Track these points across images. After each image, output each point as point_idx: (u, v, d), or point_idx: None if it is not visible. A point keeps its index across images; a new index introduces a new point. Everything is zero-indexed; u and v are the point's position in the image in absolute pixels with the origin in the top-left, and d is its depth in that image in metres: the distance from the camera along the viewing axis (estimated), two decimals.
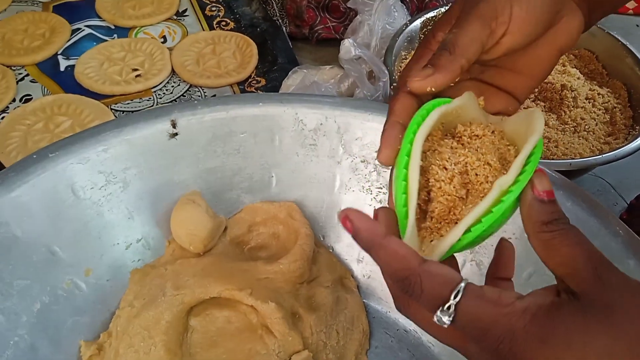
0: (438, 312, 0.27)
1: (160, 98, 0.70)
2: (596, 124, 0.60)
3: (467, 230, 0.29)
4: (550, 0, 0.33)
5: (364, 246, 0.29)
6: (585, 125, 0.60)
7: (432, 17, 0.68)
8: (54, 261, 0.46)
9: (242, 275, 0.46)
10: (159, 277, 0.46)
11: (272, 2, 0.82)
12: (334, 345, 0.46)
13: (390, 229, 0.30)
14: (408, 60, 0.67)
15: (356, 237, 0.29)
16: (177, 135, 0.50)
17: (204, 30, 0.80)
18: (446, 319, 0.27)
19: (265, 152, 0.53)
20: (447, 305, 0.27)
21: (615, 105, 0.62)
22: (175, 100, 0.70)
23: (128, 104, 0.69)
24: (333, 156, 0.54)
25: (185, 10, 0.83)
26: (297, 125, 0.53)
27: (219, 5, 0.84)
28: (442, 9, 0.69)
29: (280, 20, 0.80)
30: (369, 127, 0.52)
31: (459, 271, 0.31)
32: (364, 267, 0.54)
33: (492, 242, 0.49)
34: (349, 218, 0.28)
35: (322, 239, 0.55)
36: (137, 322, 0.44)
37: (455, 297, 0.27)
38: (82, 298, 0.47)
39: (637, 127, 0.60)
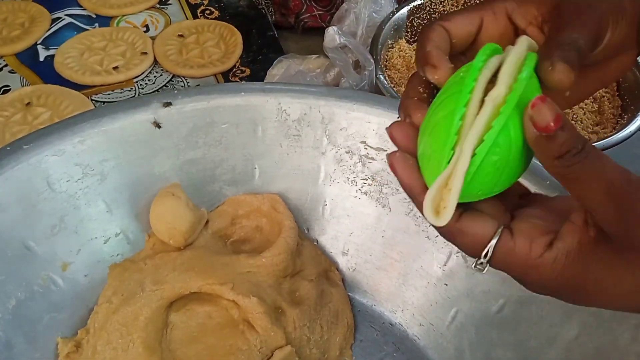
0: (472, 266, 0.29)
1: (142, 88, 0.68)
2: (584, 113, 0.59)
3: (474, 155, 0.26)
4: (624, 35, 0.31)
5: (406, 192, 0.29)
6: (574, 114, 0.59)
7: (418, 5, 0.67)
8: (29, 256, 0.45)
9: (223, 269, 0.45)
10: (138, 272, 0.45)
11: None
12: (318, 340, 0.46)
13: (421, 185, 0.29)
14: (394, 49, 0.66)
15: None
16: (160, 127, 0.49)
17: (187, 19, 0.78)
18: (482, 267, 0.28)
19: (248, 143, 0.52)
20: (479, 262, 0.28)
21: (604, 94, 0.62)
22: (157, 90, 0.68)
23: (109, 94, 0.67)
24: (317, 147, 0.53)
25: None
26: (281, 116, 0.52)
27: None
28: None
29: (265, 9, 0.79)
30: (354, 117, 0.51)
31: (503, 211, 0.29)
32: (349, 260, 0.53)
33: None
34: (394, 167, 0.29)
35: (306, 231, 0.54)
36: (115, 318, 0.43)
37: (485, 257, 0.28)
38: (59, 294, 0.46)
39: (625, 117, 0.59)
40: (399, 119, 0.31)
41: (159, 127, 0.48)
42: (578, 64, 0.27)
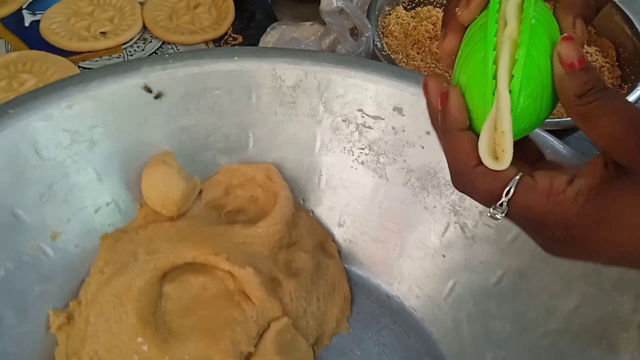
0: (491, 210, 0.28)
1: (131, 55, 0.66)
2: None
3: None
4: None
5: (438, 128, 0.29)
6: None
7: None
8: (18, 225, 0.43)
9: (218, 240, 0.43)
10: (131, 242, 0.44)
11: None
12: (315, 312, 0.45)
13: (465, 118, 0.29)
14: (391, 15, 0.65)
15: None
16: (160, 97, 0.47)
17: None
18: (499, 215, 0.28)
19: (242, 110, 0.50)
20: (499, 202, 0.27)
21: (604, 64, 0.61)
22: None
23: (97, 61, 0.65)
24: (313, 115, 0.51)
25: None
26: (275, 82, 0.50)
27: None
28: None
29: None
30: (351, 84, 0.50)
31: (537, 151, 0.31)
32: (345, 232, 0.53)
33: (476, 203, 0.48)
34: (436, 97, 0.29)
35: (302, 202, 0.53)
36: (107, 289, 0.42)
37: (507, 195, 0.27)
38: (49, 264, 0.44)
39: (625, 87, 0.58)
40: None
41: (150, 92, 0.47)
42: (592, 19, 0.29)
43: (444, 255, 0.49)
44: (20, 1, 0.71)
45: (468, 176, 0.28)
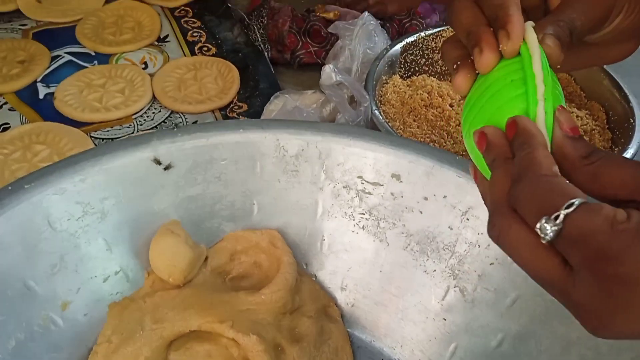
0: (543, 220, 0.25)
1: (141, 125, 0.69)
2: None
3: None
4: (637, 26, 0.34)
5: (516, 144, 0.28)
6: None
7: (412, 41, 0.69)
8: (30, 296, 0.45)
9: (223, 307, 0.45)
10: (138, 310, 0.45)
11: (254, 27, 0.83)
12: None
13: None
14: (388, 84, 0.68)
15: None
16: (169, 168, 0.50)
17: (185, 55, 0.80)
18: (549, 229, 0.24)
19: (247, 179, 0.53)
20: (555, 215, 0.24)
21: (594, 127, 0.63)
22: (156, 127, 0.69)
23: (108, 131, 0.68)
24: (315, 182, 0.53)
25: (167, 36, 0.83)
26: (279, 152, 0.53)
27: (201, 31, 0.84)
28: (423, 34, 0.69)
29: (262, 46, 0.80)
30: (350, 153, 0.52)
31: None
32: (348, 295, 0.54)
33: (475, 267, 0.49)
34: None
35: (304, 267, 0.54)
36: (115, 358, 0.42)
37: (567, 208, 0.24)
38: (58, 334, 0.46)
39: (615, 149, 0.60)
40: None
41: (159, 164, 0.49)
42: (568, 41, 0.30)
43: (444, 319, 0.50)
44: (34, 74, 0.74)
45: (533, 181, 0.26)
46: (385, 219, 0.52)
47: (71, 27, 0.82)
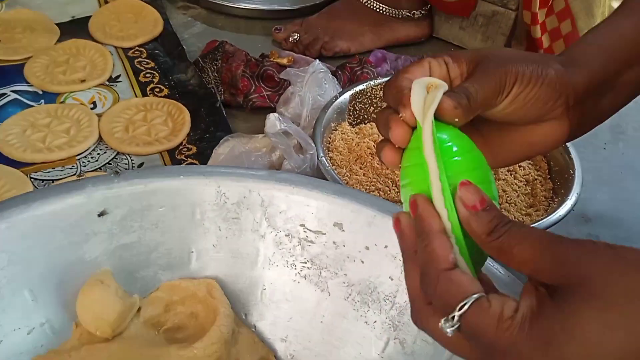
0: (442, 322, 0.29)
1: (85, 166, 0.68)
2: (518, 196, 0.62)
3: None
4: (543, 102, 0.37)
5: (419, 231, 0.31)
6: (507, 197, 0.61)
7: (361, 90, 0.69)
8: None
9: None
10: None
11: (208, 70, 0.83)
12: None
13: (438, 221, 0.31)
14: (337, 131, 0.68)
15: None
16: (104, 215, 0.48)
17: (136, 96, 0.79)
18: (449, 329, 0.28)
19: (185, 226, 0.51)
20: (451, 315, 0.28)
21: (536, 177, 0.64)
22: (100, 168, 0.68)
23: (49, 172, 0.66)
24: (256, 230, 0.52)
25: (118, 76, 0.82)
26: (220, 199, 0.52)
27: (154, 72, 0.83)
28: (372, 82, 0.70)
29: (214, 88, 0.80)
30: (293, 201, 0.52)
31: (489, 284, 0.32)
32: (288, 347, 0.52)
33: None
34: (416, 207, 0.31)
35: (244, 317, 0.53)
36: None
37: (460, 309, 0.28)
38: None
39: (556, 200, 0.61)
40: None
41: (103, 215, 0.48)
42: (465, 103, 0.33)
43: None
44: None
45: (433, 278, 0.29)
46: (327, 268, 0.52)
47: (20, 65, 0.81)
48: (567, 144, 0.66)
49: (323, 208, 0.51)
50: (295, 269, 0.52)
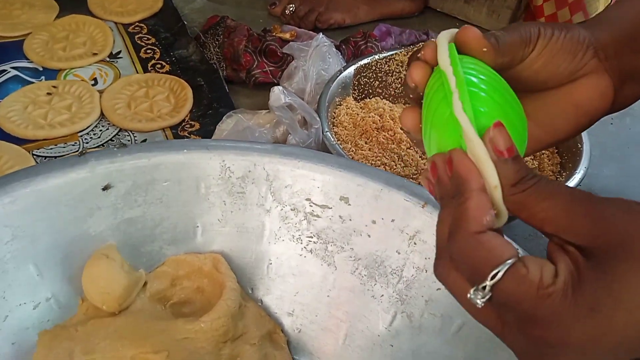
0: (471, 292, 0.26)
1: (87, 143, 0.67)
2: None
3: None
4: (571, 53, 0.35)
5: (453, 185, 0.28)
6: None
7: (365, 64, 0.68)
8: None
9: (159, 336, 0.43)
10: (68, 339, 0.43)
11: (210, 45, 0.82)
12: None
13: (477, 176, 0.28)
14: (342, 106, 0.67)
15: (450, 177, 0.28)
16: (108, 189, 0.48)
17: (137, 72, 0.78)
18: (479, 300, 0.25)
19: (190, 201, 0.51)
20: (482, 285, 0.25)
21: (544, 151, 0.64)
22: (103, 144, 0.67)
23: (51, 149, 0.66)
24: (262, 204, 0.52)
25: (119, 52, 0.81)
26: (224, 173, 0.51)
27: (155, 48, 0.82)
28: (377, 56, 0.69)
29: (217, 64, 0.79)
30: (299, 175, 0.51)
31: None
32: (295, 321, 0.52)
33: (422, 293, 0.48)
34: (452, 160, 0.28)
35: (250, 291, 0.53)
36: None
37: (492, 278, 0.25)
38: None
39: (564, 174, 0.60)
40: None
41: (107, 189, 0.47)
42: (493, 41, 0.32)
43: (391, 345, 0.49)
44: None
45: (461, 241, 0.26)
46: (333, 243, 0.51)
47: (19, 41, 0.79)
48: None
49: (329, 182, 0.51)
50: (302, 243, 0.52)
